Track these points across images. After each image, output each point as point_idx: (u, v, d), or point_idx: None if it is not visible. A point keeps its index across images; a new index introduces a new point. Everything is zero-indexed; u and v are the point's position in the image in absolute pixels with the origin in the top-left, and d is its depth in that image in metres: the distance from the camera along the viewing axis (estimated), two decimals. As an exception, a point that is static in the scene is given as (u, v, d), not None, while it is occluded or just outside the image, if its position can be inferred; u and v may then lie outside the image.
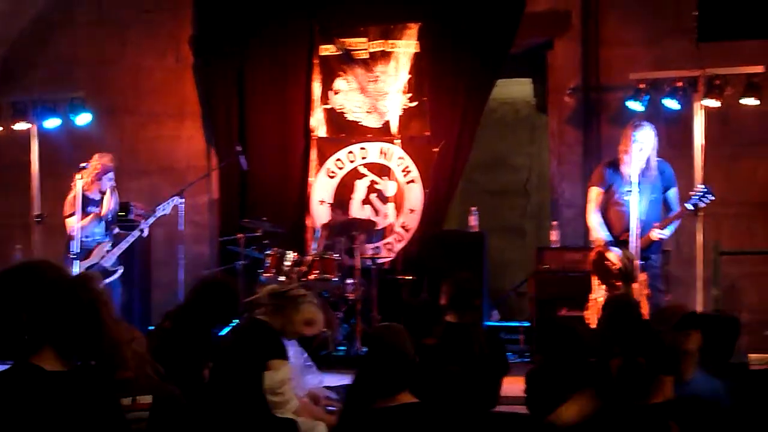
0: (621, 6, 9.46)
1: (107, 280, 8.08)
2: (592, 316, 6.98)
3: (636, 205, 6.81)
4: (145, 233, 8.47)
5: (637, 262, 6.79)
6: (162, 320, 5.13)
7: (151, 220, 8.42)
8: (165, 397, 3.83)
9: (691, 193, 7.10)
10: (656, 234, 6.98)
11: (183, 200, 8.56)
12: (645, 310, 6.80)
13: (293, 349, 5.80)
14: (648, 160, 7.05)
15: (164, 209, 8.45)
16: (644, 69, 8.83)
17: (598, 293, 7.09)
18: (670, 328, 4.00)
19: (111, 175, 8.31)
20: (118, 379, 3.65)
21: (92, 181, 8.19)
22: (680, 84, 8.36)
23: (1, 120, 9.71)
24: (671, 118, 8.59)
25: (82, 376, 2.58)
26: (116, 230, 8.37)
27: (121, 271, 8.30)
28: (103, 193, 8.27)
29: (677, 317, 4.12)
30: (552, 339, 4.61)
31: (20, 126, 9.62)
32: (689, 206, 7.05)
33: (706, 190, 7.09)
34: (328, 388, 5.92)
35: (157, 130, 10.47)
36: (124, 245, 8.28)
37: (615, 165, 7.24)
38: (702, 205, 7.14)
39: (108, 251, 8.23)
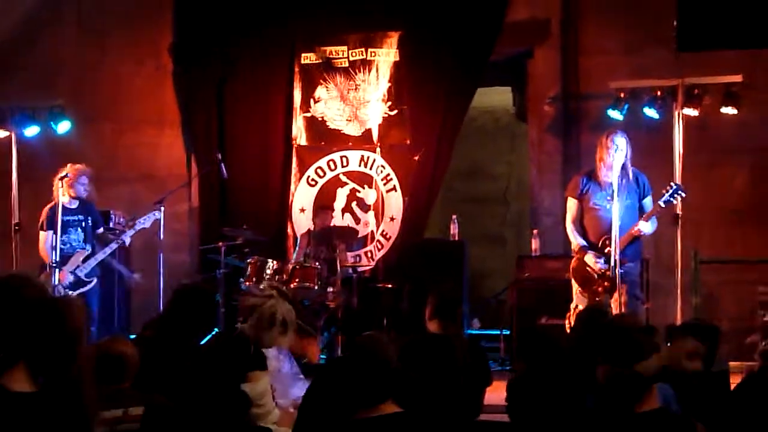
0: (601, 15, 9.51)
1: (80, 291, 8.01)
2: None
3: (617, 210, 6.87)
4: (127, 243, 8.39)
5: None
6: (143, 329, 5.10)
7: (131, 233, 8.31)
8: (156, 407, 3.82)
9: (663, 191, 7.17)
10: (640, 227, 7.03)
11: (161, 211, 8.40)
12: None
13: (285, 359, 5.80)
14: (624, 168, 7.13)
15: (144, 223, 8.32)
16: (624, 78, 8.88)
17: (581, 301, 7.15)
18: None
19: (84, 179, 8.22)
20: (107, 392, 3.69)
21: (68, 187, 8.11)
22: (660, 93, 8.41)
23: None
24: (651, 126, 8.63)
25: (51, 396, 2.55)
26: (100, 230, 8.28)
27: (94, 283, 8.18)
28: (78, 200, 8.19)
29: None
30: (533, 348, 4.62)
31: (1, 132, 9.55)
32: (661, 203, 7.13)
33: (677, 187, 7.19)
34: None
35: (137, 137, 10.42)
36: (101, 255, 8.19)
37: (590, 174, 7.35)
38: (674, 201, 7.24)
39: (84, 260, 8.13)
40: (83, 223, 8.22)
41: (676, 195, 7.18)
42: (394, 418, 3.54)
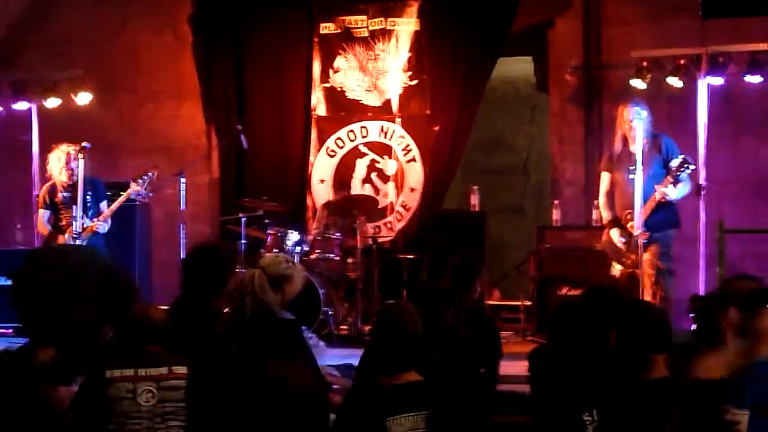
0: (623, -18, 9.40)
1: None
2: None
3: (641, 182, 6.81)
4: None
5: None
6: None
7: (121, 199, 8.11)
8: (199, 367, 3.99)
9: (670, 164, 7.05)
10: (661, 191, 6.93)
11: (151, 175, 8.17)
12: (649, 289, 6.84)
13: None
14: (644, 137, 7.05)
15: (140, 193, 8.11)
16: (646, 47, 8.78)
17: (615, 270, 7.22)
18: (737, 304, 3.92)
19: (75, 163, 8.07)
20: (148, 351, 3.91)
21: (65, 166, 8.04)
22: (683, 62, 8.31)
23: (1, 99, 9.67)
24: (674, 96, 8.55)
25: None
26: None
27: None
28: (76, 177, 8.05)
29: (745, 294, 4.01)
30: (555, 319, 4.58)
31: (20, 105, 9.59)
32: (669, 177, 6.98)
33: (682, 159, 7.01)
34: (331, 366, 5.91)
35: (156, 109, 10.42)
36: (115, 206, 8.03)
37: (615, 148, 7.32)
38: (679, 173, 7.01)
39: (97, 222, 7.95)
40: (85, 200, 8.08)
41: (682, 168, 6.98)
42: (415, 387, 3.55)
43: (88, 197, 7.99)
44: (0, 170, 10.07)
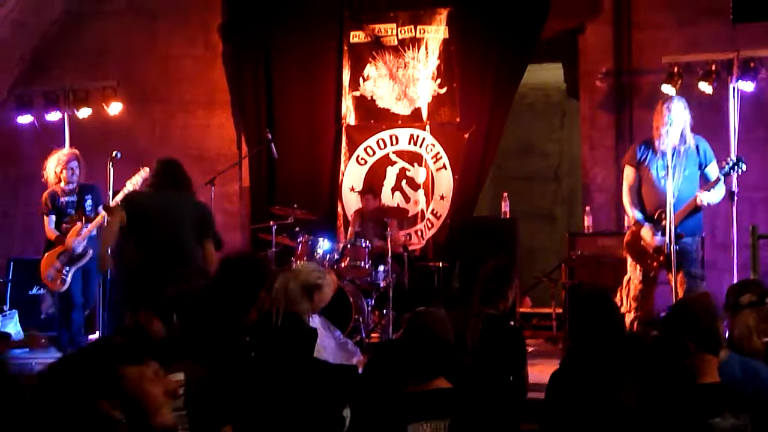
0: (653, -13, 9.35)
1: (78, 265, 8.03)
2: (625, 298, 6.93)
3: (671, 181, 6.67)
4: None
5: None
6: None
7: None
8: (197, 370, 3.83)
9: (723, 162, 6.96)
10: (701, 197, 6.83)
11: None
12: (681, 294, 6.74)
13: (322, 330, 5.77)
14: (682, 136, 6.91)
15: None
16: (677, 51, 8.73)
17: (634, 275, 7.04)
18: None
19: (74, 164, 8.16)
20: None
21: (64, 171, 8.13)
22: (714, 67, 8.26)
23: (34, 109, 9.78)
24: (705, 101, 8.48)
25: None
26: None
27: (91, 254, 8.02)
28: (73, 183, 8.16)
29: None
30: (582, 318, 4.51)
31: (53, 115, 9.69)
32: (720, 175, 6.89)
33: (738, 159, 6.95)
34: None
35: (187, 118, 10.50)
36: (92, 227, 8.04)
37: (648, 142, 7.09)
38: (733, 174, 7.00)
39: (80, 233, 8.03)
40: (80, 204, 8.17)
41: (736, 167, 6.93)
42: (445, 394, 3.54)
43: (88, 202, 8.10)
44: (33, 181, 10.14)
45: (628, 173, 7.16)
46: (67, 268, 7.97)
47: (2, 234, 10.73)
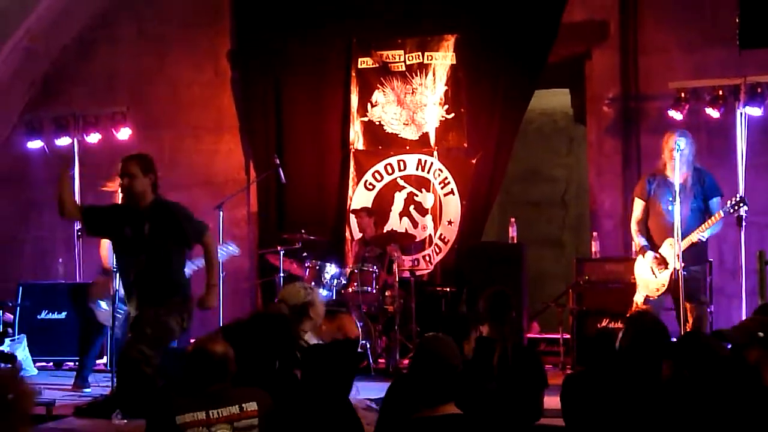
0: (660, 14, 9.39)
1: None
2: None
3: (678, 213, 6.75)
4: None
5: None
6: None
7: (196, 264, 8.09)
8: (267, 399, 3.91)
9: (728, 201, 7.03)
10: (696, 236, 6.91)
11: (236, 247, 8.25)
12: (690, 321, 6.78)
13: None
14: (688, 169, 7.00)
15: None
16: (684, 77, 8.77)
17: (641, 298, 7.14)
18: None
19: None
20: (214, 390, 3.82)
21: None
22: (721, 92, 8.30)
23: (44, 135, 9.85)
24: (712, 126, 8.51)
25: None
26: None
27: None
28: None
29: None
30: (592, 349, 4.57)
31: (62, 141, 9.75)
32: (722, 212, 6.96)
33: (740, 198, 7.02)
34: (370, 399, 5.91)
35: (196, 143, 10.54)
36: None
37: (656, 174, 7.22)
38: (734, 213, 7.06)
39: None
40: None
41: (738, 207, 7.00)
42: (454, 420, 3.54)
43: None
44: (43, 206, 10.20)
45: (637, 206, 7.30)
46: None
47: (12, 258, 10.76)
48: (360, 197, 10.01)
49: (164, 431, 3.76)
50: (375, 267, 8.65)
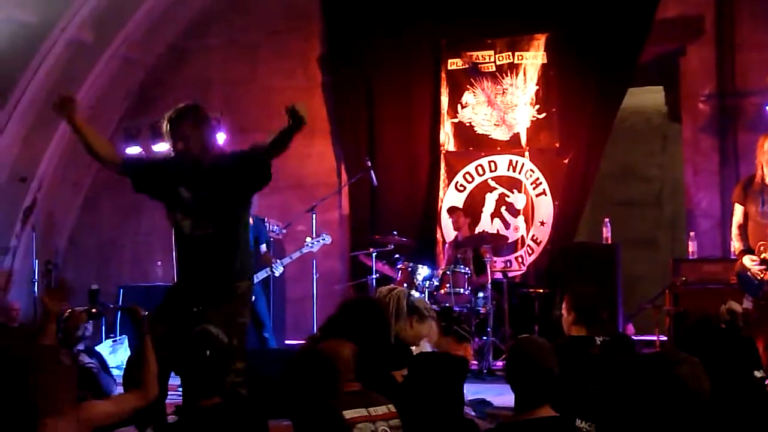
0: (756, 8, 9.17)
1: None
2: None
3: None
4: (277, 273, 8.32)
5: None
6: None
7: (296, 255, 8.32)
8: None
9: None
10: None
11: (329, 236, 8.52)
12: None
13: None
14: None
15: (311, 247, 8.35)
16: (783, 72, 8.55)
17: (747, 303, 6.96)
18: None
19: None
20: (357, 390, 3.80)
21: None
22: (822, 87, 8.05)
23: (141, 141, 10.08)
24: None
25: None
26: None
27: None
28: None
29: None
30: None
31: (159, 147, 9.95)
32: None
33: None
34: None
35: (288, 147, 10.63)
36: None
37: (752, 179, 7.04)
38: None
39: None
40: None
41: None
42: (550, 422, 3.51)
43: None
44: (144, 210, 10.44)
45: (737, 210, 7.12)
46: None
47: (112, 262, 11.06)
48: (451, 198, 10.00)
49: (331, 427, 3.63)
50: (467, 269, 8.63)
